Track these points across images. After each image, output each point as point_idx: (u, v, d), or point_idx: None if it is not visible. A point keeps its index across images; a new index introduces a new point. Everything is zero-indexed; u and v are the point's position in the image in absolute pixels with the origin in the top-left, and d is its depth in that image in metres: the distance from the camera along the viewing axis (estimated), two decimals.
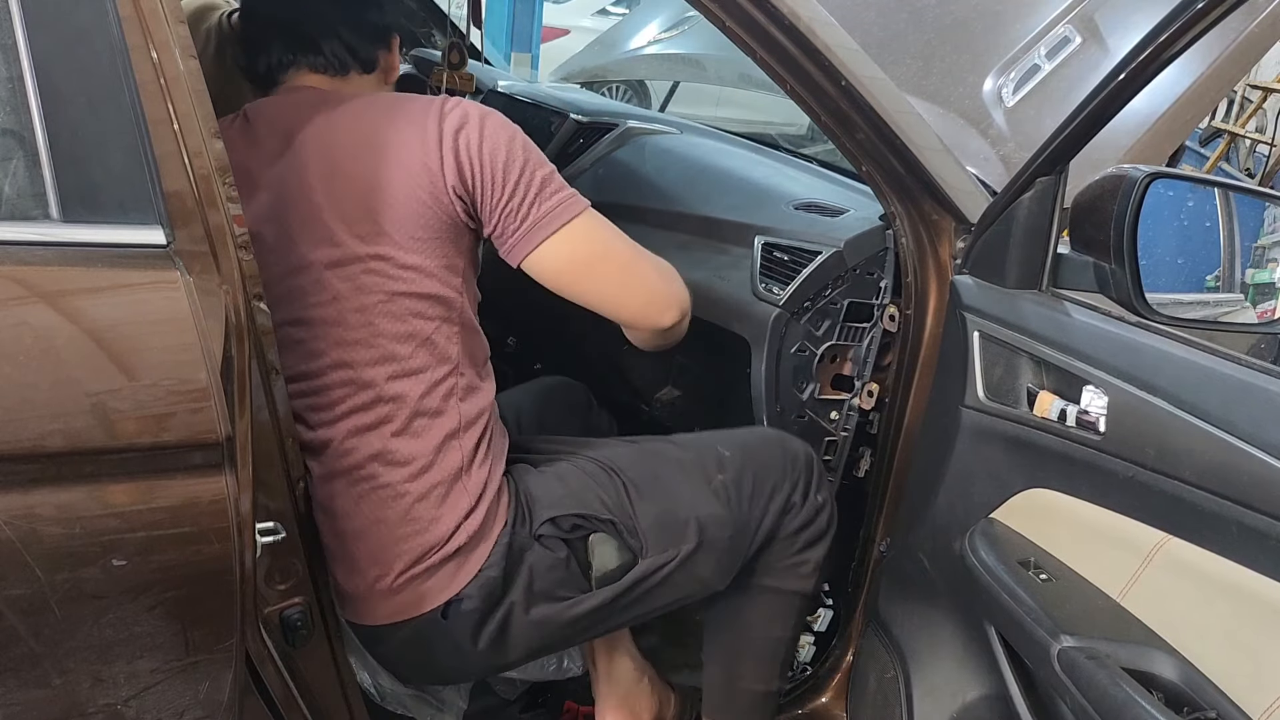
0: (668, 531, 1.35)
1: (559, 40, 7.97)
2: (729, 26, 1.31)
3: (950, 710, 1.44)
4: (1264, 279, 2.18)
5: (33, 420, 0.83)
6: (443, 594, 1.24)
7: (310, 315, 1.21)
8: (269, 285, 1.12)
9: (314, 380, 1.23)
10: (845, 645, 1.71)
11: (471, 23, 2.43)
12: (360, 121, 1.23)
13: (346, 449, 1.22)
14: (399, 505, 1.22)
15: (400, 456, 1.22)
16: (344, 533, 1.23)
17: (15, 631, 0.85)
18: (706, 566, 1.38)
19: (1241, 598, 1.00)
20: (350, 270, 1.19)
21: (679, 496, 1.37)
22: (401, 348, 1.22)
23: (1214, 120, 5.43)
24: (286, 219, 1.21)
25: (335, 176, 1.20)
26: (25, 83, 0.85)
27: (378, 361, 1.21)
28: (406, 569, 1.22)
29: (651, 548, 1.34)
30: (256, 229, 1.15)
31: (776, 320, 1.56)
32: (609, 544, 1.33)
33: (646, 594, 1.36)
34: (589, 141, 2.19)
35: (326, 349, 1.21)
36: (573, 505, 1.32)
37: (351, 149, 1.21)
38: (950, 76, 1.85)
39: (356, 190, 1.19)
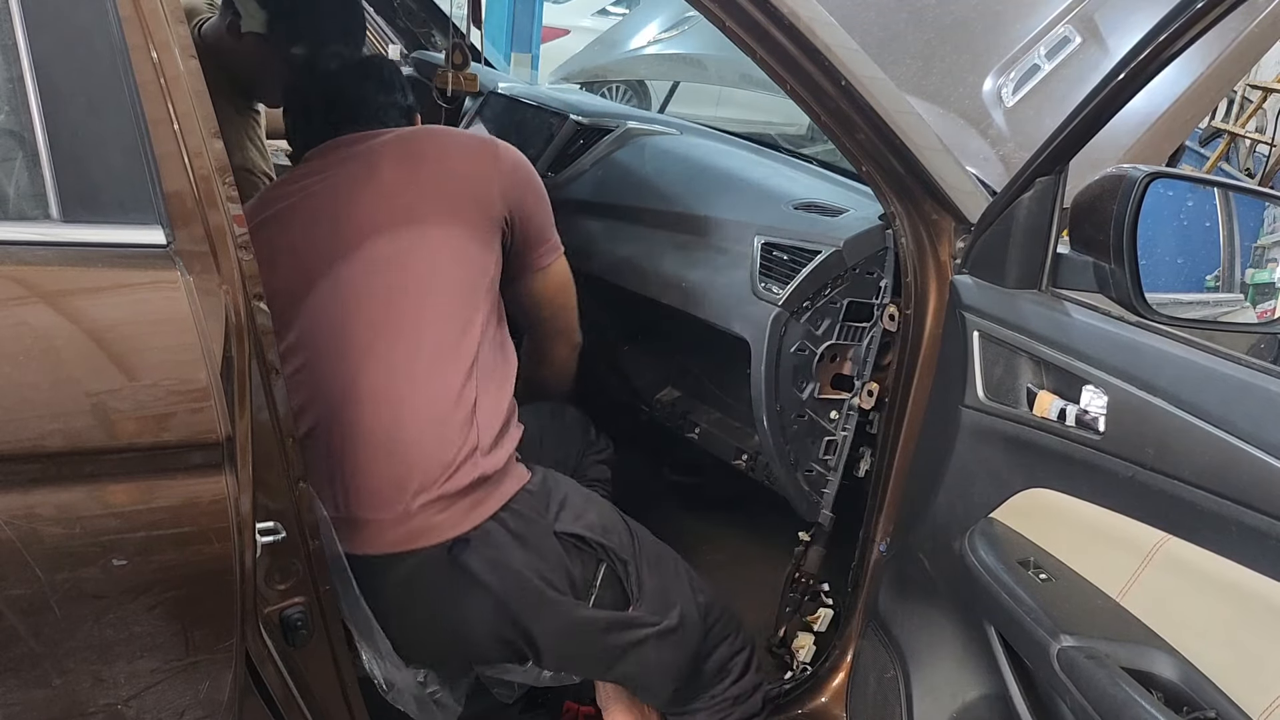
0: (660, 601, 1.48)
1: (559, 40, 7.97)
2: (729, 26, 1.30)
3: (950, 710, 1.44)
4: (1264, 279, 2.18)
5: (33, 420, 0.83)
6: (453, 530, 1.34)
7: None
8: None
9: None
10: (845, 645, 1.71)
11: (471, 23, 2.43)
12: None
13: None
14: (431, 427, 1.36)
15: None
16: (369, 453, 1.35)
17: (15, 631, 0.85)
18: (670, 655, 1.49)
19: (1241, 597, 1.00)
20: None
21: (673, 584, 1.52)
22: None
23: (1214, 120, 5.43)
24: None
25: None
26: (25, 83, 0.85)
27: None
28: (423, 491, 1.33)
29: (645, 605, 1.48)
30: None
31: (776, 320, 1.56)
32: (614, 581, 1.46)
33: (615, 645, 1.45)
34: (589, 143, 2.19)
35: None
36: (600, 534, 1.45)
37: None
38: (950, 76, 1.85)
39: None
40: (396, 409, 1.35)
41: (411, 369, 1.37)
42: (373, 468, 1.34)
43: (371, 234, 1.42)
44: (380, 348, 1.37)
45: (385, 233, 1.42)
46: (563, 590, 1.40)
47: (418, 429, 1.35)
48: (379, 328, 1.38)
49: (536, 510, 1.41)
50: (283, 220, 1.46)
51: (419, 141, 1.53)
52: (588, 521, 1.45)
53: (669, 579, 1.52)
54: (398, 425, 1.35)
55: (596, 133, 2.20)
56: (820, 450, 1.65)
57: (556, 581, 1.39)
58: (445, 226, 1.44)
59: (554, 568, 1.40)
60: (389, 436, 1.35)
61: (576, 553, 1.42)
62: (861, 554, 1.65)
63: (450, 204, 1.46)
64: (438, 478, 1.33)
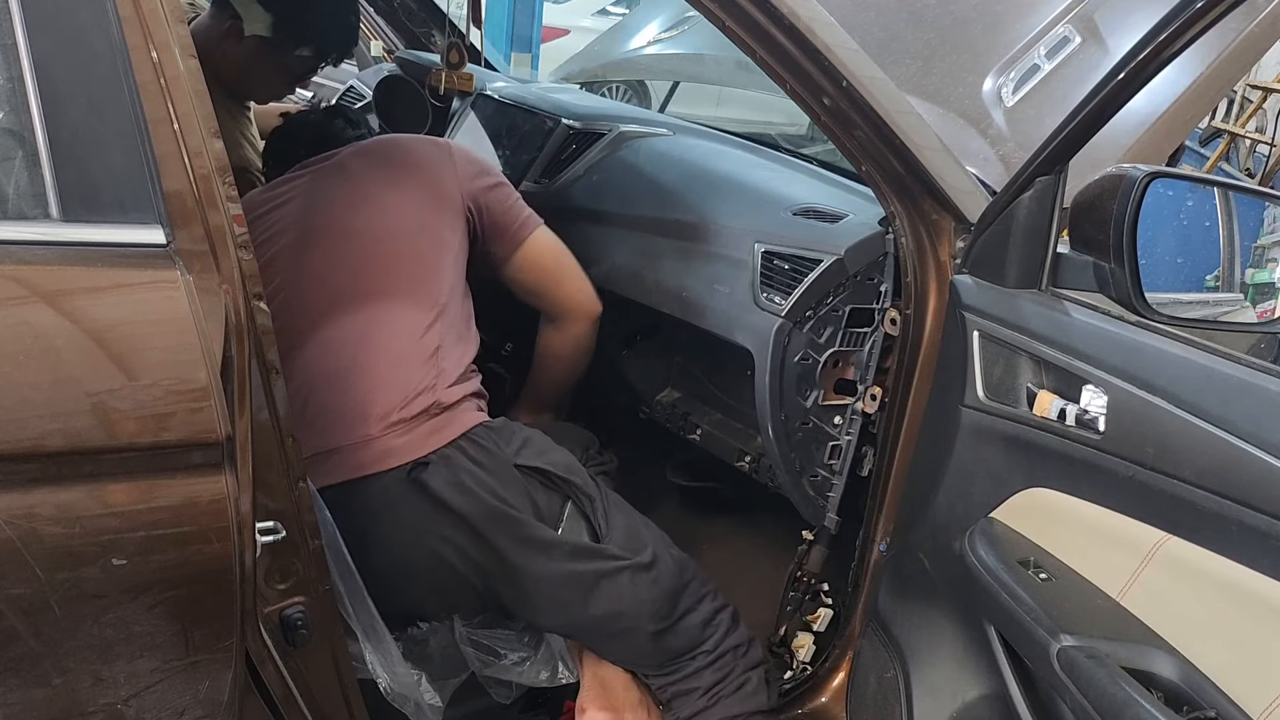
0: (630, 539, 1.52)
1: (559, 40, 7.97)
2: (729, 26, 1.30)
3: (950, 710, 1.43)
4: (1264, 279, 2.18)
5: (33, 420, 0.83)
6: (412, 453, 1.42)
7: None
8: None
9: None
10: (845, 645, 1.71)
11: (471, 23, 2.43)
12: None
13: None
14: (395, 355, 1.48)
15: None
16: (334, 386, 1.45)
17: (15, 631, 0.85)
18: (646, 592, 1.50)
19: (1241, 597, 1.00)
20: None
21: (642, 529, 1.57)
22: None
23: (1214, 120, 5.43)
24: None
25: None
26: (25, 83, 0.85)
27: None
28: (384, 417, 1.42)
29: (614, 541, 1.50)
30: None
31: (779, 331, 1.56)
32: (580, 516, 1.50)
33: (587, 576, 1.47)
34: (582, 148, 2.16)
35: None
36: (564, 470, 1.51)
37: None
38: (950, 76, 1.85)
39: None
40: (359, 345, 1.48)
41: (376, 312, 1.50)
42: (337, 398, 1.44)
43: (346, 212, 1.58)
44: (347, 297, 1.50)
45: (359, 209, 1.58)
46: (526, 513, 1.44)
47: (380, 360, 1.47)
48: (349, 280, 1.52)
49: (496, 443, 1.48)
50: (264, 219, 1.62)
51: (380, 144, 1.76)
52: (550, 459, 1.51)
53: (638, 523, 1.57)
54: (360, 357, 1.47)
55: (589, 137, 2.17)
56: (825, 455, 1.65)
57: (519, 505, 1.44)
58: (413, 207, 1.59)
59: (517, 494, 1.45)
60: (352, 367, 1.46)
61: (540, 486, 1.48)
62: (861, 554, 1.65)
63: (416, 189, 1.61)
64: (397, 404, 1.43)
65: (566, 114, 2.24)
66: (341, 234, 1.56)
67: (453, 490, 1.42)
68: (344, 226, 1.57)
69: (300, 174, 1.67)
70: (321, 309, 1.50)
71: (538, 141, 2.22)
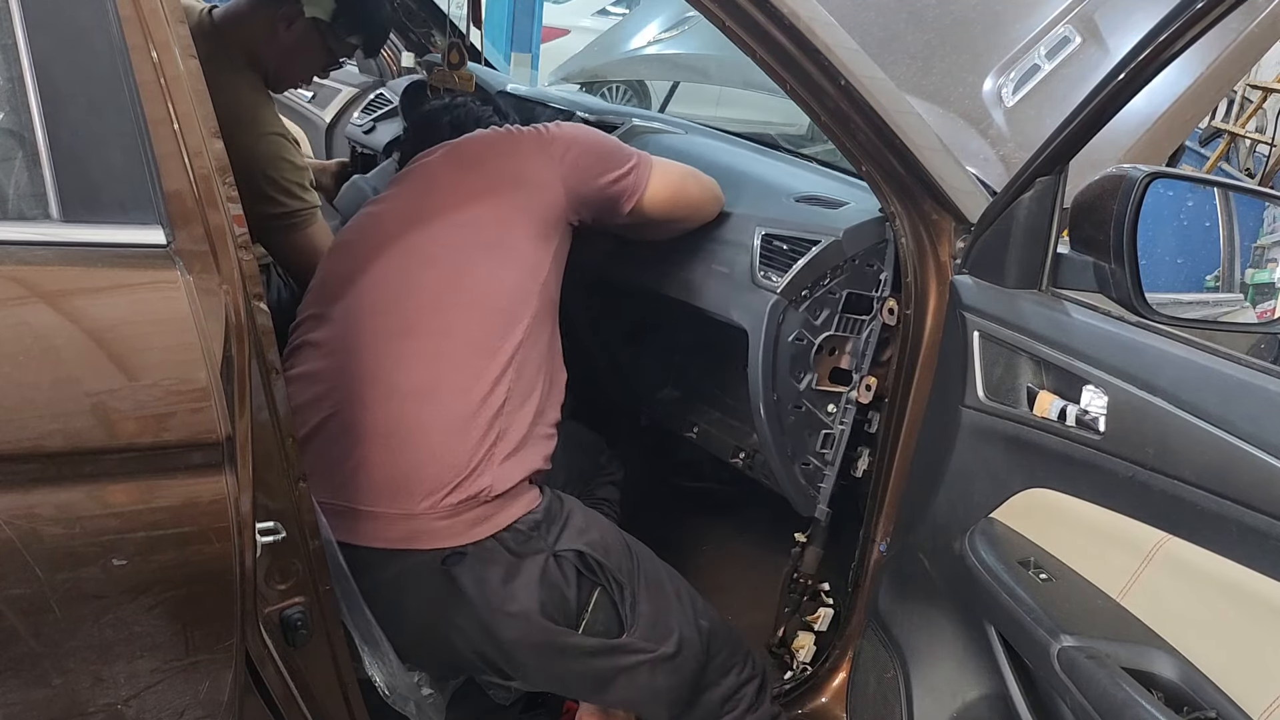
0: (657, 627, 1.44)
1: (559, 40, 7.97)
2: (729, 26, 1.30)
3: (950, 710, 1.43)
4: (1264, 279, 2.18)
5: (33, 420, 0.83)
6: (451, 540, 1.32)
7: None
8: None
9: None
10: (845, 645, 1.71)
11: (471, 23, 2.43)
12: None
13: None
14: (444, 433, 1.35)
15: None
16: (388, 444, 1.34)
17: (15, 631, 0.85)
18: (666, 681, 1.44)
19: (1241, 597, 1.00)
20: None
21: (672, 609, 1.48)
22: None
23: (1214, 120, 5.42)
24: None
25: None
26: (25, 83, 0.85)
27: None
28: (430, 494, 1.31)
29: (639, 631, 1.42)
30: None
31: (774, 307, 1.55)
32: (608, 605, 1.41)
33: (606, 670, 1.41)
34: None
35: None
36: (601, 553, 1.42)
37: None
38: (950, 76, 1.85)
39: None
40: (419, 403, 1.35)
41: (439, 365, 1.36)
42: (383, 460, 1.33)
43: (421, 236, 1.45)
44: (421, 342, 1.38)
45: (436, 234, 1.45)
46: (553, 616, 1.37)
47: (437, 425, 1.34)
48: (423, 321, 1.39)
49: (539, 533, 1.38)
50: (349, 240, 1.55)
51: (469, 145, 1.58)
52: (589, 539, 1.42)
53: (668, 603, 1.48)
54: (424, 416, 1.34)
55: (603, 129, 2.20)
56: (817, 444, 1.65)
57: (548, 607, 1.36)
58: (497, 226, 1.45)
59: (547, 590, 1.36)
60: (413, 427, 1.34)
61: (573, 574, 1.39)
62: (861, 554, 1.65)
63: (503, 203, 1.47)
64: (448, 482, 1.32)
65: (582, 109, 2.29)
66: (419, 256, 1.44)
67: (480, 589, 1.33)
68: (420, 254, 1.44)
69: (388, 189, 1.58)
70: (392, 342, 1.38)
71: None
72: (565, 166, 1.51)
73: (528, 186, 1.49)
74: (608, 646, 1.40)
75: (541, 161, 1.51)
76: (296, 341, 1.48)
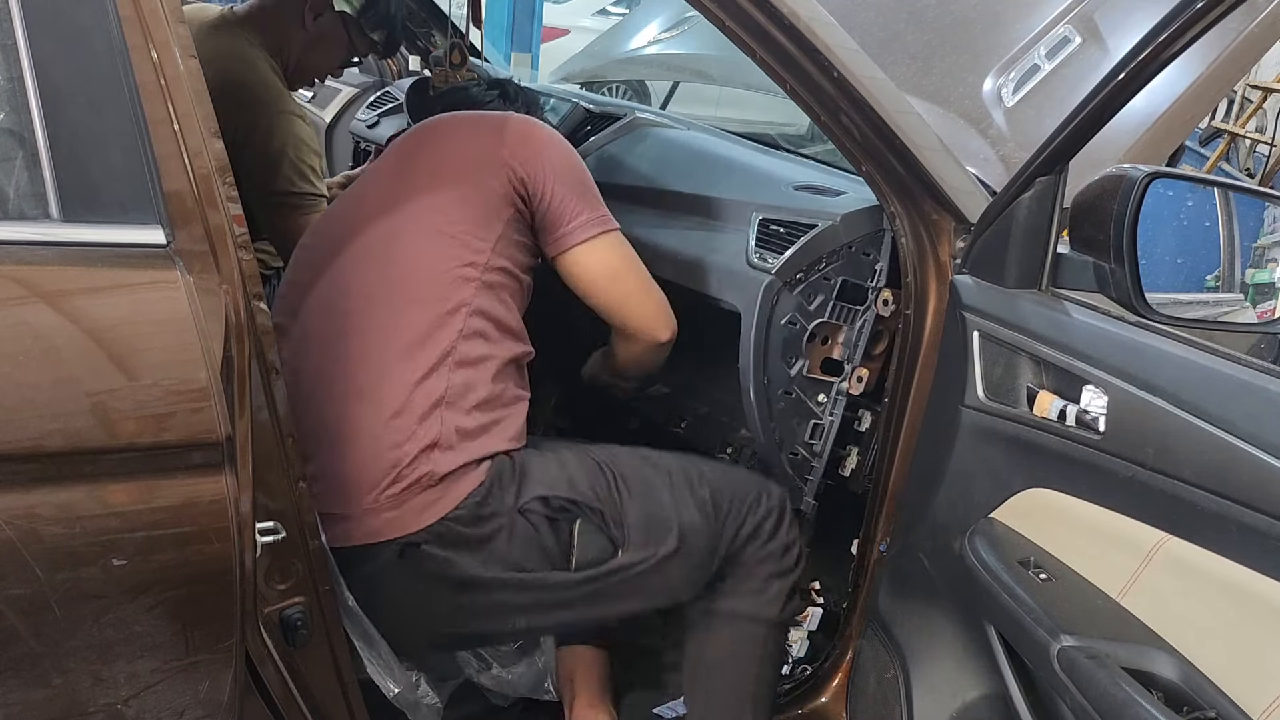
0: (651, 531, 1.40)
1: (559, 40, 7.96)
2: (729, 26, 1.30)
3: (950, 710, 1.44)
4: (1264, 279, 2.18)
5: (33, 420, 0.83)
6: (402, 529, 1.30)
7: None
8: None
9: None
10: (845, 645, 1.71)
11: (471, 23, 2.43)
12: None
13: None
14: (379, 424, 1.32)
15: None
16: (335, 447, 1.32)
17: (15, 631, 0.85)
18: (679, 572, 1.42)
19: (1241, 597, 1.00)
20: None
21: (664, 501, 1.42)
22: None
23: (1214, 120, 5.43)
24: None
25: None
26: (25, 83, 0.85)
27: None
28: (374, 488, 1.30)
29: (633, 543, 1.39)
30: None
31: (768, 288, 1.54)
32: (593, 532, 1.38)
33: (616, 589, 1.39)
34: (596, 129, 2.21)
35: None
36: (565, 489, 1.38)
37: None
38: (950, 76, 1.85)
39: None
40: (356, 402, 1.33)
41: (381, 360, 1.34)
42: (333, 464, 1.32)
43: (365, 224, 1.42)
44: (355, 341, 1.35)
45: (377, 221, 1.41)
46: (537, 567, 1.35)
47: (371, 422, 1.32)
48: (356, 320, 1.36)
49: (492, 500, 1.34)
50: (307, 244, 1.53)
51: (431, 126, 1.52)
52: (550, 479, 1.38)
53: (660, 500, 1.42)
54: (355, 420, 1.32)
55: (605, 119, 2.22)
56: (806, 433, 1.64)
57: (527, 564, 1.35)
58: (435, 209, 1.39)
59: (521, 550, 1.35)
60: (347, 431, 1.32)
61: (545, 521, 1.36)
62: (861, 554, 1.65)
63: (444, 183, 1.41)
64: (388, 473, 1.30)
65: (585, 100, 2.32)
66: (360, 255, 1.41)
67: (447, 570, 1.32)
68: (364, 245, 1.41)
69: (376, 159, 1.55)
70: (333, 346, 1.37)
71: (553, 121, 2.27)
72: (510, 150, 1.42)
73: (467, 163, 1.42)
74: (603, 571, 1.37)
75: (486, 140, 1.43)
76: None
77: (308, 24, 2.03)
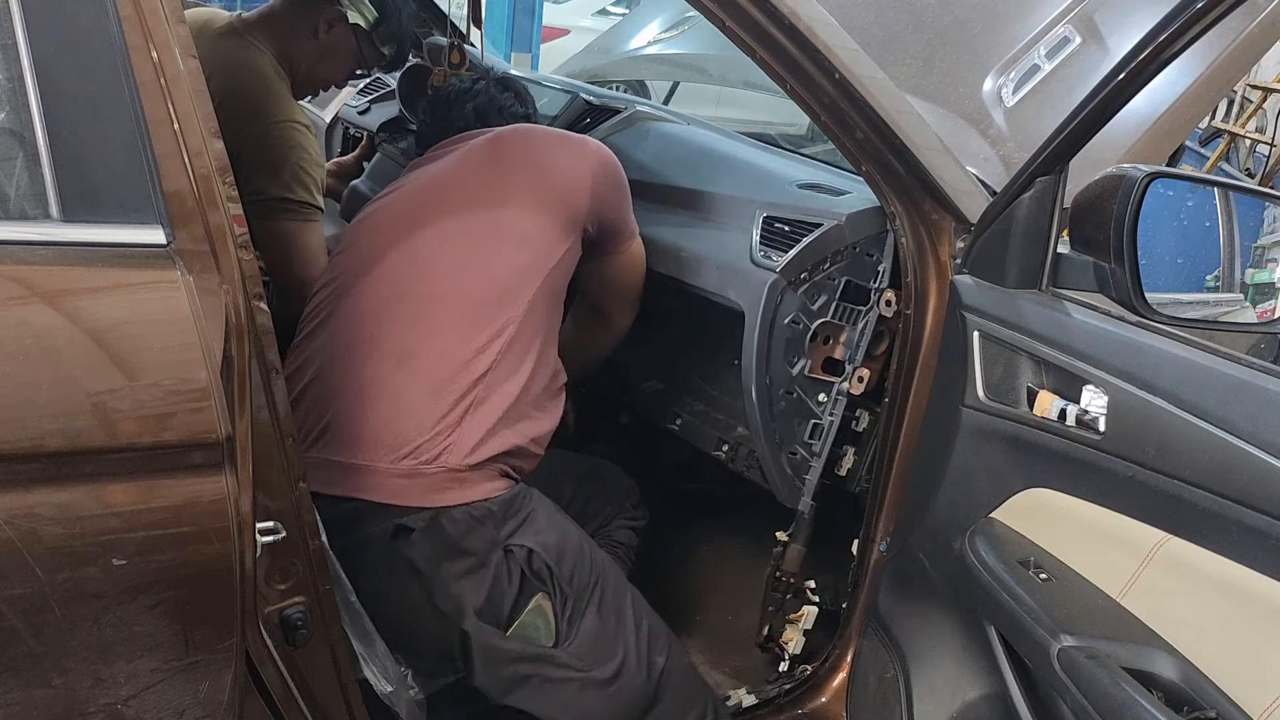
0: (596, 649, 1.41)
1: (559, 40, 7.96)
2: (729, 26, 1.31)
3: (950, 710, 1.44)
4: (1264, 279, 2.18)
5: (33, 420, 0.83)
6: (404, 499, 1.33)
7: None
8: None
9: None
10: (845, 645, 1.71)
11: (471, 23, 2.43)
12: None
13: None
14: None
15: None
16: (361, 398, 1.38)
17: (15, 631, 0.85)
18: (595, 705, 1.41)
19: (1241, 597, 1.00)
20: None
21: (625, 637, 1.44)
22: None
23: (1214, 120, 5.42)
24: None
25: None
26: (25, 83, 0.85)
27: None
28: (393, 452, 1.34)
29: (574, 648, 1.40)
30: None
31: (773, 287, 1.54)
32: (547, 612, 1.39)
33: (532, 679, 1.38)
34: (596, 121, 2.20)
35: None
36: (553, 557, 1.40)
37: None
38: (950, 76, 1.85)
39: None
40: (397, 363, 1.38)
41: (420, 328, 1.40)
42: (356, 416, 1.36)
43: (448, 214, 1.50)
44: (401, 305, 1.42)
45: (465, 214, 1.49)
46: (484, 613, 1.35)
47: (410, 385, 1.36)
48: (406, 286, 1.44)
49: (491, 522, 1.36)
50: (388, 202, 1.60)
51: (514, 135, 1.64)
52: (544, 540, 1.40)
53: (620, 630, 1.44)
54: (392, 378, 1.37)
55: (605, 112, 2.21)
56: (805, 433, 1.64)
57: (484, 604, 1.35)
58: (522, 214, 1.49)
59: (488, 585, 1.35)
60: (380, 387, 1.37)
61: (518, 573, 1.38)
62: (861, 554, 1.65)
63: (534, 195, 1.51)
64: (412, 440, 1.34)
65: (585, 92, 2.31)
66: (439, 232, 1.48)
67: (429, 567, 1.33)
68: (445, 225, 1.49)
69: (430, 159, 1.65)
70: (383, 306, 1.43)
71: (553, 111, 2.27)
72: (596, 179, 1.56)
73: (564, 184, 1.54)
74: (531, 654, 1.38)
75: (582, 166, 1.56)
76: (303, 332, 1.51)
77: (320, 35, 2.04)
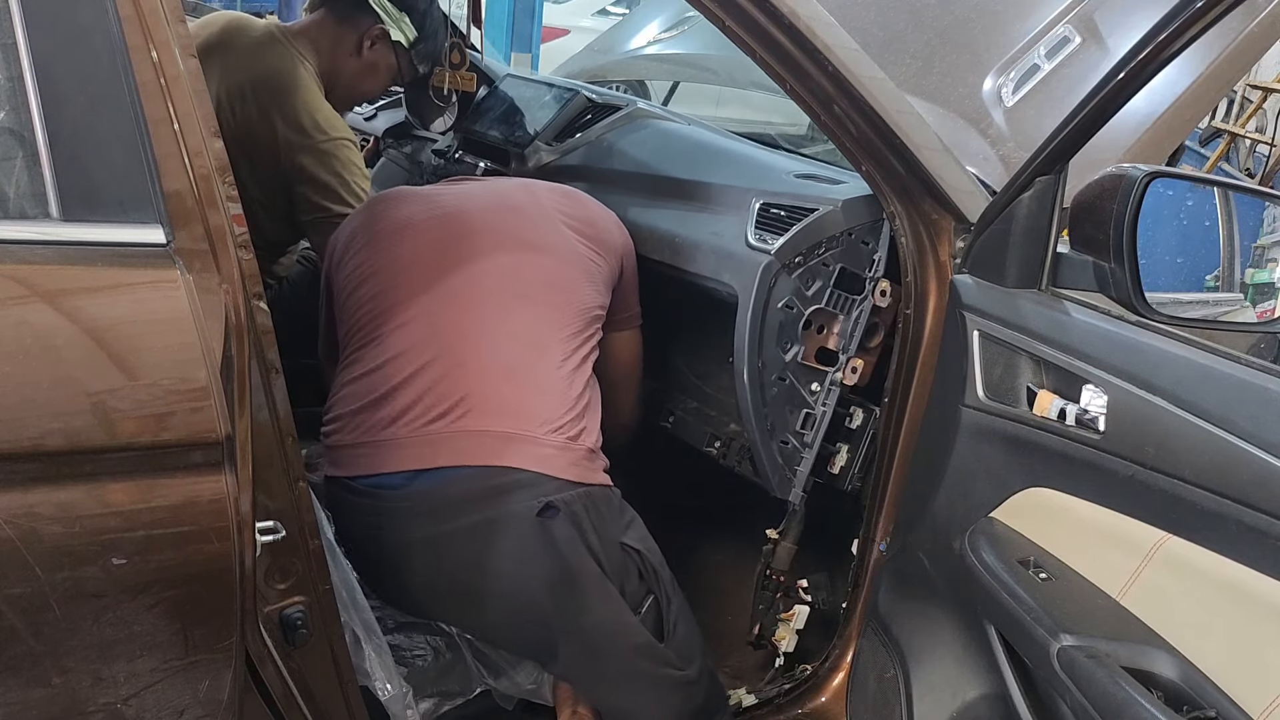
0: (687, 650, 1.49)
1: (559, 40, 7.95)
2: (729, 26, 1.31)
3: (950, 710, 1.44)
4: (1264, 279, 2.18)
5: (33, 420, 0.83)
6: (556, 470, 1.41)
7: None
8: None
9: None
10: (845, 645, 1.71)
11: (471, 23, 2.44)
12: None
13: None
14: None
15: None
16: (495, 379, 1.47)
17: (15, 631, 0.85)
18: (679, 704, 1.46)
19: (1241, 597, 1.00)
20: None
21: (697, 640, 1.53)
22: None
23: (1214, 120, 5.42)
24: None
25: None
26: (25, 83, 0.85)
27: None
28: (546, 424, 1.44)
29: (673, 648, 1.47)
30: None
31: (766, 269, 1.54)
32: (656, 613, 1.49)
33: (641, 671, 1.45)
34: (596, 118, 2.21)
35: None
36: (658, 564, 1.50)
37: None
38: (950, 76, 1.85)
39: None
40: (535, 350, 1.49)
41: (544, 327, 1.52)
42: (506, 388, 1.45)
43: (524, 228, 1.61)
44: (528, 304, 1.53)
45: (538, 231, 1.61)
46: (620, 592, 1.43)
47: (546, 371, 1.48)
48: (529, 290, 1.54)
49: (613, 513, 1.47)
50: (458, 206, 1.67)
51: (572, 191, 1.78)
52: (649, 546, 1.50)
53: (696, 633, 1.54)
54: (533, 361, 1.48)
55: (605, 109, 2.22)
56: (798, 422, 1.63)
57: (614, 580, 1.42)
58: (584, 253, 1.62)
59: (616, 569, 1.43)
60: (526, 365, 1.47)
61: (634, 570, 1.46)
62: (861, 554, 1.65)
63: (591, 241, 1.64)
64: (561, 416, 1.44)
65: (586, 90, 2.31)
66: (529, 245, 1.59)
67: (570, 546, 1.39)
68: (532, 240, 1.60)
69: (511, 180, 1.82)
70: (509, 299, 1.52)
71: (555, 108, 2.28)
72: (627, 250, 1.72)
73: (608, 247, 1.68)
74: (654, 647, 1.45)
75: (620, 238, 1.72)
76: (376, 332, 1.53)
77: (364, 51, 2.10)
